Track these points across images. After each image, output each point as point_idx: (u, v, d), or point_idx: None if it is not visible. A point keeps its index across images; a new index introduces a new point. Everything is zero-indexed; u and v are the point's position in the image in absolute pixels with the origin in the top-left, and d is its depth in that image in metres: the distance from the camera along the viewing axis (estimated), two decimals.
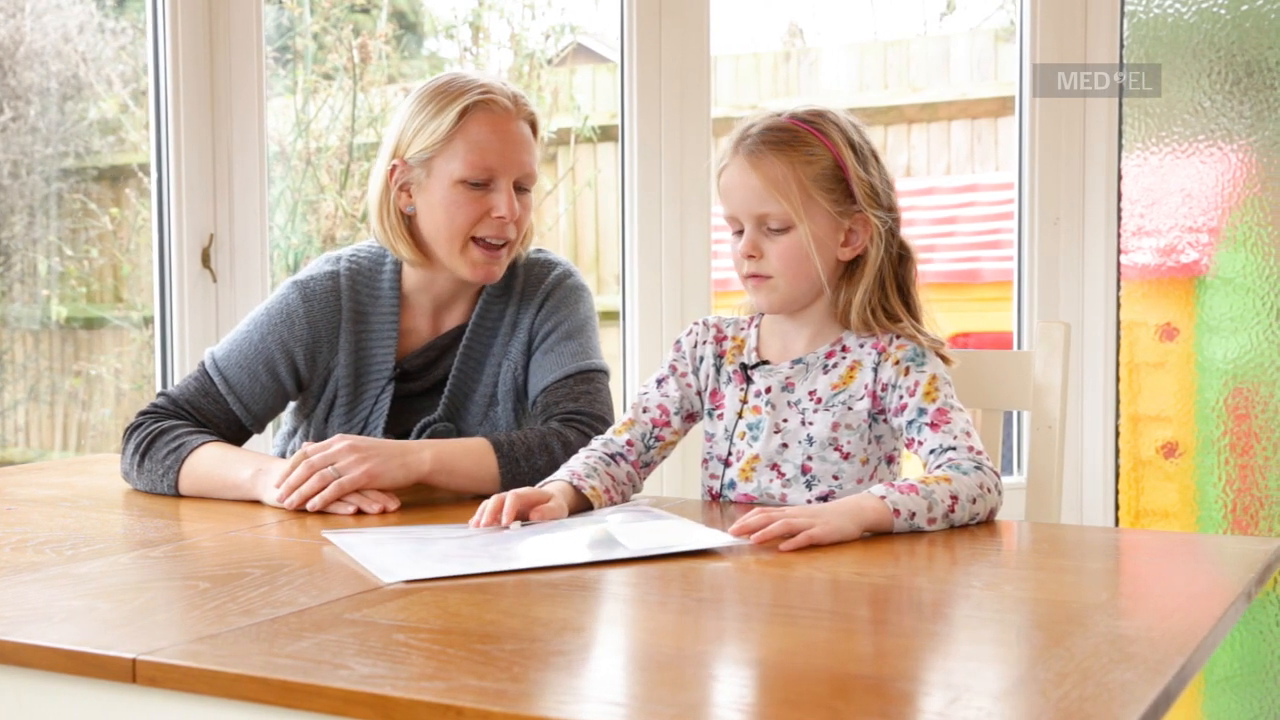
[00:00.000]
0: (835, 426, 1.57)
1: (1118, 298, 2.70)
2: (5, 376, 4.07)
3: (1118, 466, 2.70)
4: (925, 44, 4.66)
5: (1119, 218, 2.69)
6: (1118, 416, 2.70)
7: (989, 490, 1.48)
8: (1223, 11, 2.54)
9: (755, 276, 1.59)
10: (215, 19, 2.51)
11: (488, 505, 1.47)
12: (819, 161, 1.56)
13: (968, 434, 1.53)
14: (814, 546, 1.34)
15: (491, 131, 1.77)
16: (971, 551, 1.40)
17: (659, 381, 1.71)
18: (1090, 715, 0.85)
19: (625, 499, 1.64)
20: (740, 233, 1.60)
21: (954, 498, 1.45)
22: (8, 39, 3.87)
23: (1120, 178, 2.68)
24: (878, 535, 1.42)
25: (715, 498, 1.67)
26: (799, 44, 4.98)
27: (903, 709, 0.88)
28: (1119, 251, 2.70)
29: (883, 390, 1.58)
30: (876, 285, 1.59)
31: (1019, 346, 2.82)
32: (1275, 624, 2.55)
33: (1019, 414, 2.74)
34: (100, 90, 4.01)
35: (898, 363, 1.58)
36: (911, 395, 1.56)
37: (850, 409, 1.58)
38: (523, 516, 1.47)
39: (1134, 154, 2.65)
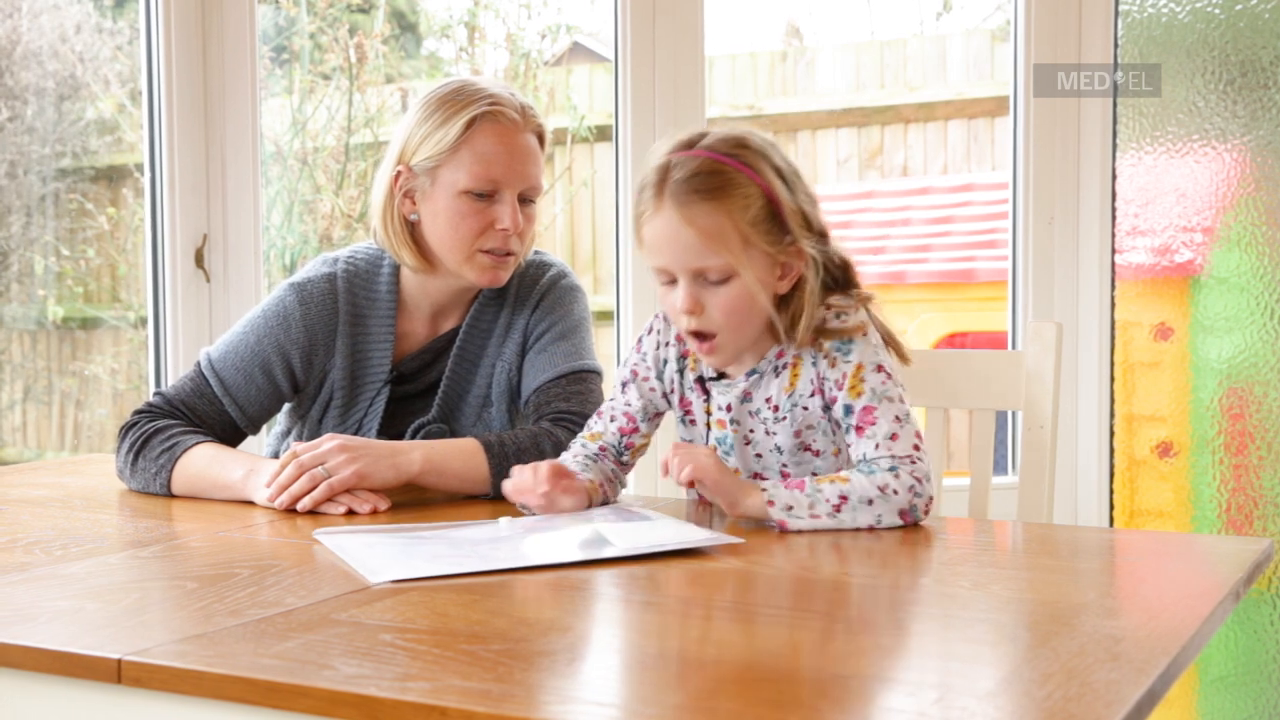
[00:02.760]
0: (798, 433, 1.55)
1: (1112, 297, 2.70)
2: (2, 376, 4.08)
3: (1112, 466, 2.70)
4: (922, 44, 4.67)
5: (1113, 217, 2.69)
6: (1112, 416, 2.70)
7: (896, 492, 1.45)
8: (1217, 11, 2.54)
9: (698, 335, 1.52)
10: (209, 19, 2.51)
11: (523, 478, 1.52)
12: (754, 202, 1.47)
13: (893, 436, 1.48)
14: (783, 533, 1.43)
15: (497, 143, 1.76)
16: (961, 552, 1.40)
17: (623, 386, 1.66)
18: (1074, 715, 0.85)
19: (616, 494, 1.64)
20: (671, 282, 1.50)
21: (843, 498, 1.45)
22: (4, 39, 3.87)
23: (1115, 177, 2.68)
24: (862, 536, 1.42)
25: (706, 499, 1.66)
26: (796, 44, 4.99)
27: (887, 708, 0.88)
28: (1113, 251, 2.70)
29: (822, 383, 1.54)
30: (818, 304, 1.52)
31: (1014, 346, 2.82)
32: (1270, 623, 2.55)
33: (1012, 414, 2.74)
34: (97, 90, 4.01)
35: (827, 354, 1.53)
36: (839, 389, 1.52)
37: (806, 409, 1.55)
38: (553, 487, 1.51)
39: (1128, 154, 2.65)
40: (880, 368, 1.51)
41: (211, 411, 1.81)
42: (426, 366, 1.88)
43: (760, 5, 4.91)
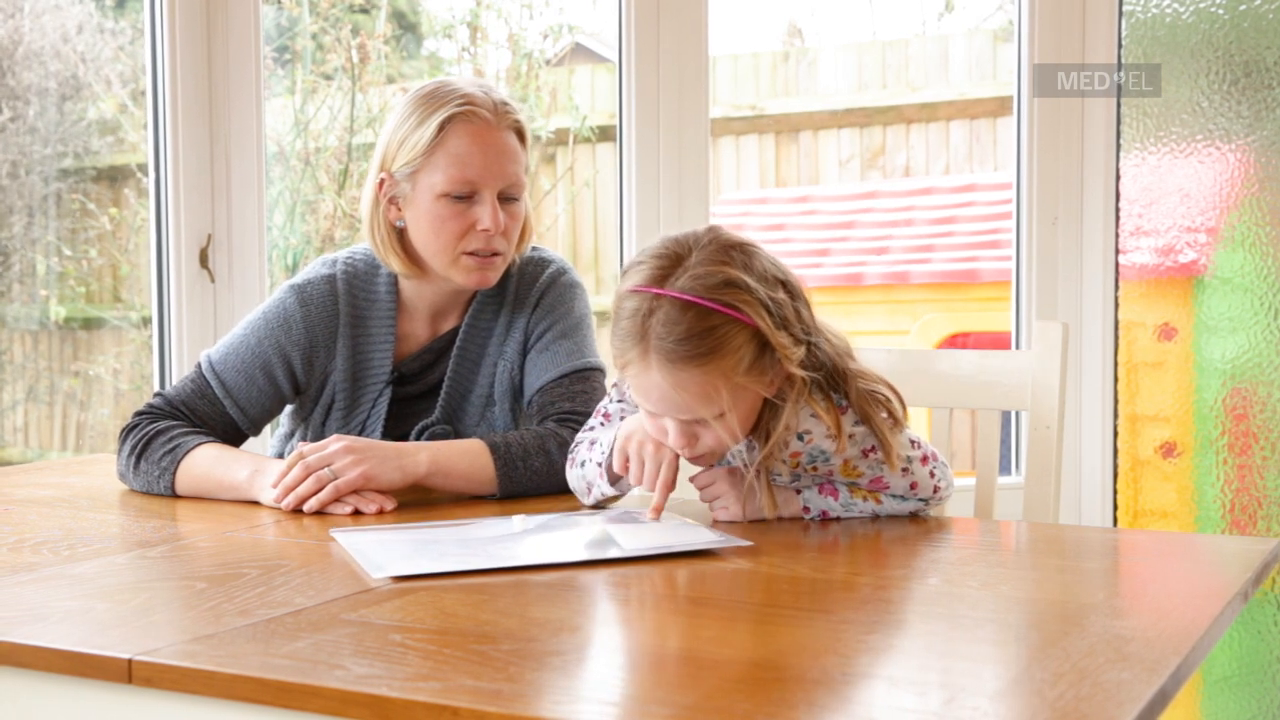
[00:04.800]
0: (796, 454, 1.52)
1: (1116, 298, 2.70)
2: (4, 376, 4.08)
3: (1116, 466, 2.70)
4: (924, 44, 4.67)
5: (1117, 218, 2.69)
6: (1116, 416, 2.70)
7: (920, 512, 1.54)
8: (1221, 11, 2.54)
9: (693, 457, 1.48)
10: (213, 19, 2.51)
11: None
12: (746, 352, 1.37)
13: (912, 485, 1.51)
14: (799, 540, 1.39)
15: (472, 143, 1.75)
16: (968, 551, 1.40)
17: (622, 396, 1.65)
18: (1086, 715, 0.85)
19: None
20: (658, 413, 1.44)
21: (875, 514, 1.53)
22: (6, 39, 3.87)
23: (1118, 178, 2.68)
24: (870, 537, 1.43)
25: None
26: (798, 44, 4.99)
27: (898, 709, 0.88)
28: (1117, 251, 2.70)
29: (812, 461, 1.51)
30: (795, 419, 1.45)
31: (1018, 346, 2.82)
32: (1273, 624, 2.55)
33: (1017, 414, 2.74)
34: (99, 90, 4.01)
35: (805, 467, 1.50)
36: (834, 474, 1.51)
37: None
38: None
39: (1132, 154, 2.65)
40: (867, 453, 1.48)
41: (213, 413, 1.81)
42: (428, 367, 1.87)
43: (762, 5, 4.91)
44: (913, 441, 1.51)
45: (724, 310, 1.36)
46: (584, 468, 1.62)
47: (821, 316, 1.49)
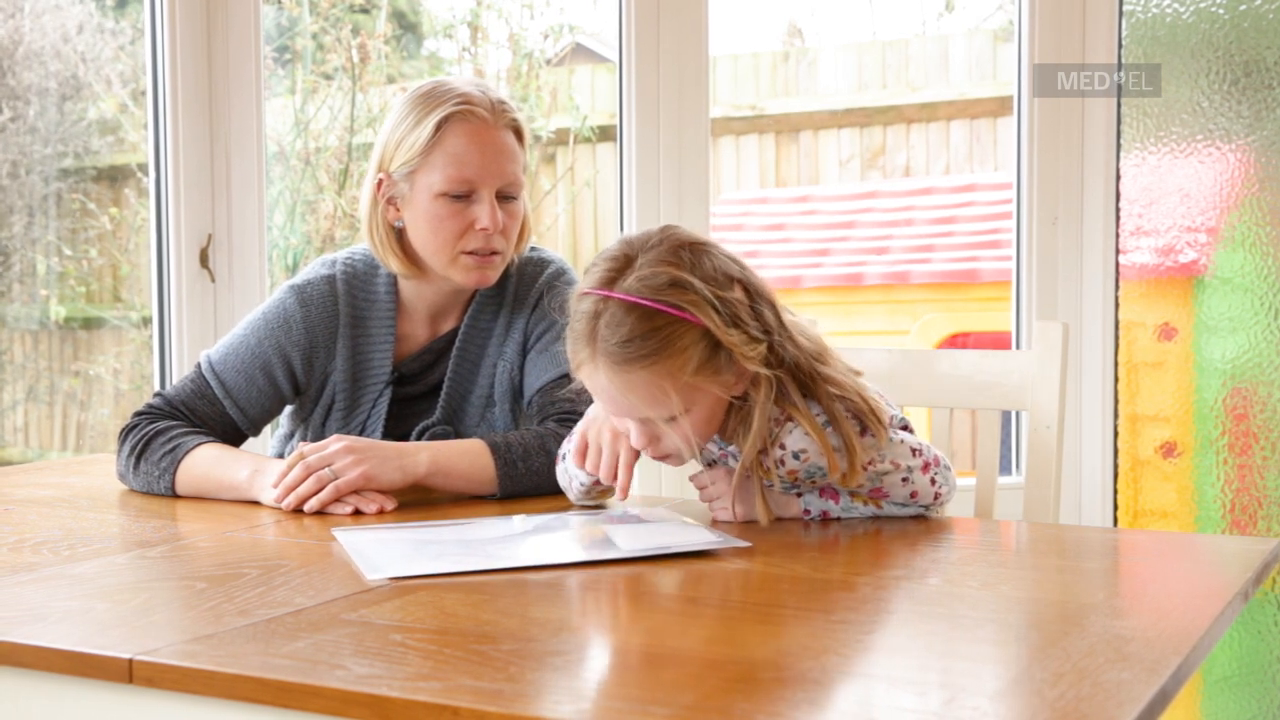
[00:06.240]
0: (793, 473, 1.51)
1: (1116, 298, 2.70)
2: (4, 376, 4.08)
3: (1116, 466, 2.70)
4: (924, 44, 4.67)
5: (1117, 217, 2.69)
6: (1116, 416, 2.70)
7: (920, 516, 1.52)
8: (1221, 11, 2.54)
9: (659, 456, 1.47)
10: (213, 19, 2.51)
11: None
12: (694, 351, 1.36)
13: (912, 494, 1.49)
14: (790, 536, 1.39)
15: (469, 142, 1.75)
16: (968, 552, 1.40)
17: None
18: (1086, 715, 0.85)
19: None
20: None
21: (875, 517, 1.52)
22: (7, 39, 3.87)
23: (1119, 178, 2.68)
24: (870, 536, 1.43)
25: None
26: (798, 44, 4.99)
27: (898, 708, 0.88)
28: (1117, 251, 2.70)
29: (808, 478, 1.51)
30: (768, 422, 1.43)
31: (1018, 346, 2.82)
32: (1273, 624, 2.55)
33: (1017, 414, 2.74)
34: (99, 90, 4.01)
35: (801, 480, 1.49)
36: (835, 486, 1.50)
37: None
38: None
39: (1132, 154, 2.65)
40: (865, 466, 1.46)
41: (212, 413, 1.81)
42: (428, 368, 1.88)
43: (762, 5, 4.92)
44: (914, 450, 1.49)
45: (668, 310, 1.36)
46: (565, 460, 1.62)
47: (794, 319, 1.47)
